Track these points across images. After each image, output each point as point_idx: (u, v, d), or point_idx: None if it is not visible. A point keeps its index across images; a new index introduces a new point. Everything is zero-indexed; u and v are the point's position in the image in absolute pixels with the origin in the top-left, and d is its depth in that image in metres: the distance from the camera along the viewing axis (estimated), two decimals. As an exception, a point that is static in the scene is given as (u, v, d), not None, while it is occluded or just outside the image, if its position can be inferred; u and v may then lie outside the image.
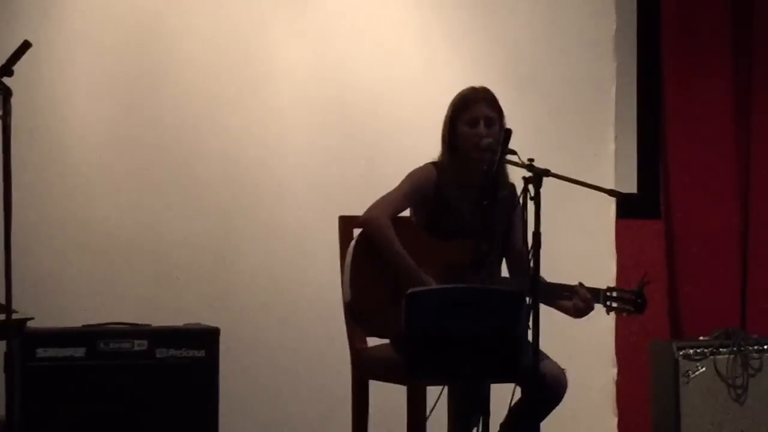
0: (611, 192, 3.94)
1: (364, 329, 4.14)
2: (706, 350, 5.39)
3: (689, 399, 5.33)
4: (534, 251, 3.60)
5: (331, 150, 5.30)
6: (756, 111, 5.99)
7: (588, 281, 4.07)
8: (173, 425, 4.28)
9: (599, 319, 5.45)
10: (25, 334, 4.17)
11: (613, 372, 5.71)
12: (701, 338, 5.49)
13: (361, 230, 4.06)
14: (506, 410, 3.94)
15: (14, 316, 3.68)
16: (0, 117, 3.48)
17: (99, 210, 5.01)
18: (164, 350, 4.31)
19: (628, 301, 4.06)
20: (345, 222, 4.27)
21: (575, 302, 4.02)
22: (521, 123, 4.08)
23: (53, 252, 4.93)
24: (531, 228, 3.60)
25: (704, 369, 5.36)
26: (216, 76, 5.18)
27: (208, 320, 4.54)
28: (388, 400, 4.20)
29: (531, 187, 3.64)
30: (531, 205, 3.61)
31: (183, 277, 5.07)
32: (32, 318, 4.20)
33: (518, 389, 3.86)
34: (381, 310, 3.96)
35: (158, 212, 5.08)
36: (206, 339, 4.37)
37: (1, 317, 3.64)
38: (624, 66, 5.82)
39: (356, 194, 4.21)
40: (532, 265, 3.61)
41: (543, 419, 3.89)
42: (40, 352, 4.20)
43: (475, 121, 4.10)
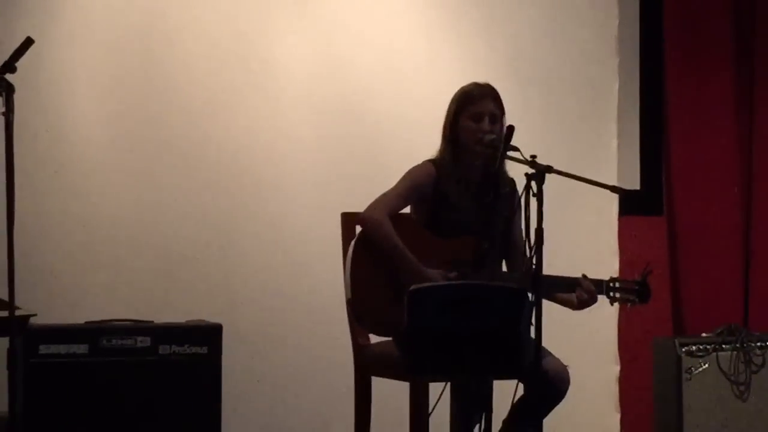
0: (614, 188, 3.94)
1: (365, 327, 4.14)
2: (709, 347, 5.39)
3: (692, 396, 5.32)
4: (536, 248, 3.59)
5: (334, 147, 5.30)
6: (758, 107, 5.99)
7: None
8: (176, 422, 4.28)
9: (602, 316, 5.48)
10: (28, 331, 4.17)
11: (616, 369, 5.71)
12: (704, 335, 5.48)
13: (361, 229, 4.06)
14: (509, 407, 3.95)
15: (17, 313, 3.67)
16: (2, 113, 3.48)
17: (102, 207, 5.01)
18: (167, 347, 4.30)
19: (632, 291, 4.04)
20: (347, 219, 4.26)
21: (579, 294, 4.00)
22: (524, 120, 4.07)
23: (56, 248, 4.93)
24: (533, 225, 3.60)
25: (707, 365, 5.36)
26: (218, 74, 5.18)
27: (211, 317, 4.53)
28: (391, 397, 4.19)
29: (533, 184, 3.63)
30: (533, 202, 3.61)
31: (185, 274, 5.08)
32: (35, 314, 4.19)
33: (521, 386, 3.86)
34: (381, 309, 3.95)
35: (161, 209, 5.08)
36: (209, 335, 4.36)
37: (4, 314, 3.63)
38: (627, 63, 5.82)
39: (359, 191, 4.20)
40: (535, 262, 3.60)
41: (545, 416, 3.89)
42: (43, 349, 4.20)
43: (480, 117, 4.08)
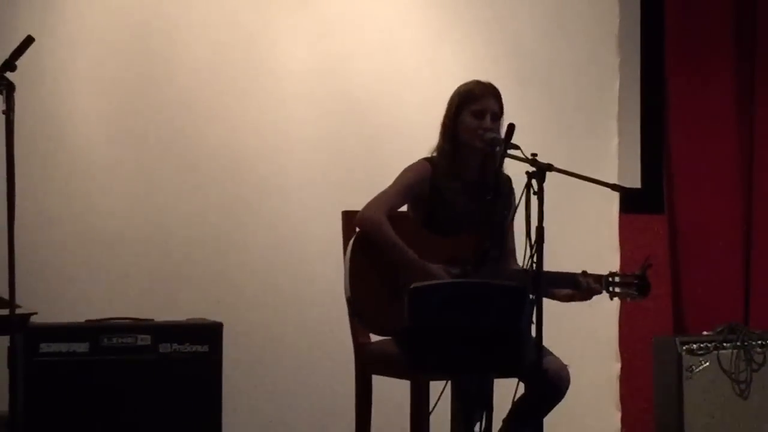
0: (614, 187, 3.94)
1: (365, 326, 4.14)
2: (710, 345, 5.39)
3: (692, 394, 5.32)
4: (537, 246, 3.59)
5: (335, 145, 5.31)
6: (759, 105, 5.99)
7: (591, 276, 4.08)
8: (176, 420, 4.27)
9: (602, 314, 5.49)
10: (29, 329, 4.17)
11: (617, 367, 5.71)
12: (704, 333, 5.49)
13: (358, 228, 4.06)
14: (509, 405, 3.95)
15: (18, 311, 3.67)
16: (3, 112, 3.48)
17: (102, 205, 5.01)
18: (167, 345, 4.30)
19: (631, 285, 4.03)
20: (348, 217, 4.26)
21: (580, 287, 4.01)
22: (524, 118, 4.07)
23: (57, 247, 4.93)
24: (534, 223, 3.60)
25: (707, 364, 5.36)
26: (219, 71, 5.18)
27: (212, 315, 4.53)
28: (392, 395, 4.19)
29: (534, 182, 3.63)
30: (534, 200, 3.61)
31: (186, 272, 5.08)
32: (36, 313, 4.20)
33: (521, 384, 3.86)
34: (380, 309, 3.95)
35: (161, 207, 5.08)
36: (209, 334, 4.36)
37: (5, 312, 3.63)
38: (627, 61, 5.83)
39: (359, 189, 4.19)
40: (535, 261, 3.60)
41: (546, 415, 3.89)
42: (44, 347, 4.19)
43: (482, 114, 4.08)
